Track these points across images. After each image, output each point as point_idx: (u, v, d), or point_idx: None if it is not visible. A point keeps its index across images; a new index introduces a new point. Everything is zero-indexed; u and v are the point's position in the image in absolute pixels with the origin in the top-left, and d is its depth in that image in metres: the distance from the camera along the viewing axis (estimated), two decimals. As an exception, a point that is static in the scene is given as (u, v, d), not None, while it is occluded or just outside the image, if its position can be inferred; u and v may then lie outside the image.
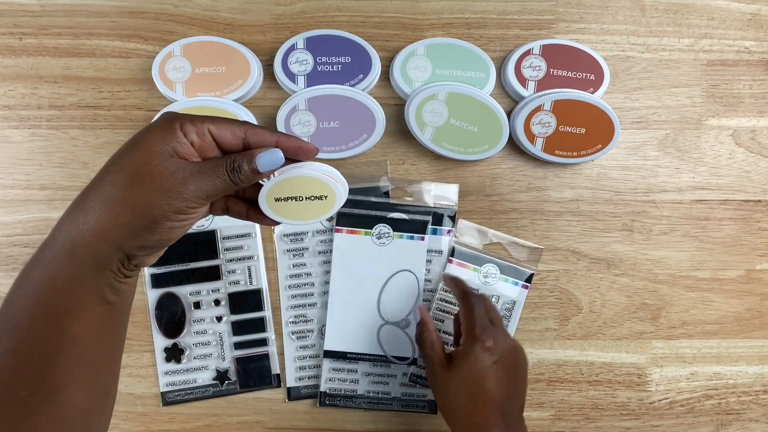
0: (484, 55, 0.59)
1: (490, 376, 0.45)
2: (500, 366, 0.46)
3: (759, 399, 0.61)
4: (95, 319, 0.32)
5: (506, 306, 0.60)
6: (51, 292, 0.31)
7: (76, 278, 0.31)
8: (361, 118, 0.58)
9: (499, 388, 0.45)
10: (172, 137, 0.31)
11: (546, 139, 0.58)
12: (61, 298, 0.31)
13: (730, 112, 0.61)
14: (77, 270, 0.31)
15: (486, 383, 0.45)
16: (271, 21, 0.60)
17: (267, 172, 0.33)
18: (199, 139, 0.32)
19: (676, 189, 0.61)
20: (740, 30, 0.61)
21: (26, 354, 0.30)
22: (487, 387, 0.45)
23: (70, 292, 0.31)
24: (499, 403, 0.44)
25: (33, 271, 0.32)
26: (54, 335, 0.31)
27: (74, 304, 0.31)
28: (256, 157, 0.32)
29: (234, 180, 0.32)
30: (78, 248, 0.31)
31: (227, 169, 0.32)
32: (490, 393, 0.45)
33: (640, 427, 0.60)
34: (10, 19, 0.59)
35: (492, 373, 0.45)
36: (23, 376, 0.30)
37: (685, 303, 0.61)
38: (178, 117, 0.32)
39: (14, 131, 0.59)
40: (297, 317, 0.60)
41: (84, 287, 0.32)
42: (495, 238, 0.60)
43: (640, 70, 0.61)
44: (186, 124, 0.32)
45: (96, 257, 0.31)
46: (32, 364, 0.30)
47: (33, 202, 0.59)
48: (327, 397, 0.59)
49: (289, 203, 0.36)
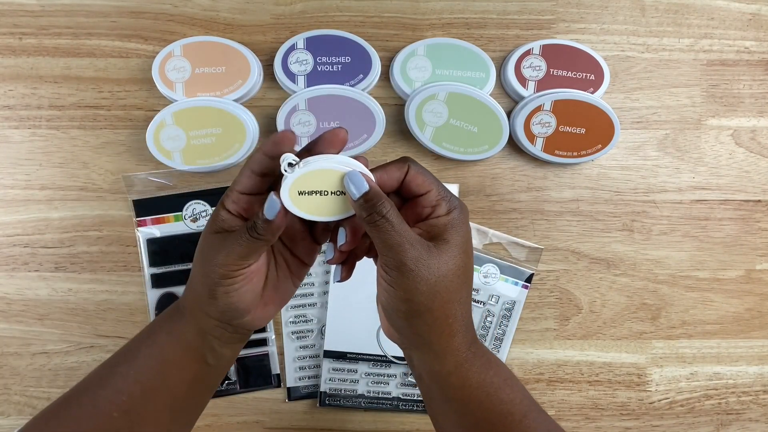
0: (484, 55, 0.59)
1: (471, 243, 0.37)
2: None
3: (759, 399, 0.61)
4: (192, 375, 0.38)
5: (506, 306, 0.60)
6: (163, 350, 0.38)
7: (184, 340, 0.38)
8: (361, 118, 0.58)
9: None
10: (218, 218, 0.35)
11: (546, 139, 0.58)
12: (170, 352, 0.38)
13: (730, 112, 0.61)
14: (190, 334, 0.37)
15: (472, 253, 0.37)
16: (271, 21, 0.60)
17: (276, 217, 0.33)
18: (236, 203, 0.35)
19: (676, 189, 0.61)
20: (740, 30, 0.61)
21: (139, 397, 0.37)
22: (472, 257, 0.37)
23: (176, 349, 0.38)
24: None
25: (144, 349, 0.38)
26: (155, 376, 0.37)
27: (180, 359, 0.38)
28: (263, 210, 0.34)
29: (253, 235, 0.34)
30: (184, 316, 0.38)
31: (246, 228, 0.34)
32: (472, 264, 0.37)
33: (640, 427, 0.60)
34: (10, 19, 0.59)
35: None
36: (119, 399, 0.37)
37: (685, 303, 0.61)
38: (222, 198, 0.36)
39: (14, 131, 0.59)
40: (297, 317, 0.60)
41: (190, 346, 0.38)
42: (495, 238, 0.60)
43: (640, 70, 0.61)
44: (225, 200, 0.35)
45: (197, 323, 0.37)
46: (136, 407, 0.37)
47: (33, 202, 0.59)
48: (327, 397, 0.59)
49: (313, 197, 0.34)
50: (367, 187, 0.32)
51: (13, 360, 0.59)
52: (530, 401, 0.38)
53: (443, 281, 0.34)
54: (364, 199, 0.32)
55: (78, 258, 0.59)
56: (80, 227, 0.59)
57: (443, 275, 0.33)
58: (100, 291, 0.59)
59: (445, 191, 0.35)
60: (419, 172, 0.35)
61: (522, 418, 0.36)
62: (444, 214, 0.35)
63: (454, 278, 0.34)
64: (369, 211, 0.32)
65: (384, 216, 0.32)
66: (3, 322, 0.59)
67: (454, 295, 0.34)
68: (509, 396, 0.37)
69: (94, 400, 0.36)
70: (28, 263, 0.59)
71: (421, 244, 0.33)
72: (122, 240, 0.59)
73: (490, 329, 0.60)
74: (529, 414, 0.37)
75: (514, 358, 0.61)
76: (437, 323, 0.35)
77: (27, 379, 0.59)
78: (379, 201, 0.32)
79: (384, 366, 0.59)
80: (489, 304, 0.60)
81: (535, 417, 0.37)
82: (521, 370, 0.61)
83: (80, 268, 0.59)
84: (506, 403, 0.36)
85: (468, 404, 0.36)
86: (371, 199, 0.32)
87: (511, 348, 0.60)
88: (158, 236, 0.58)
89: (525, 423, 0.36)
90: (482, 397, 0.36)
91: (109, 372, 0.37)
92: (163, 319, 0.39)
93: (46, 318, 0.59)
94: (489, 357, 0.37)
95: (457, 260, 0.34)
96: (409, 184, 0.35)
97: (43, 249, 0.59)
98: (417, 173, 0.35)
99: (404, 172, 0.35)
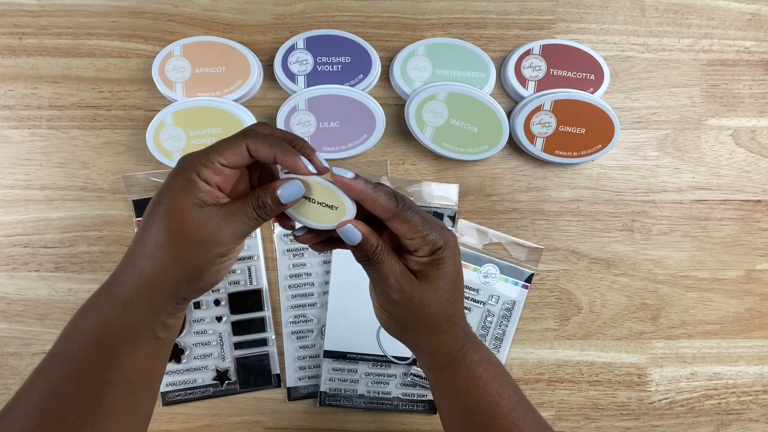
0: (484, 55, 0.59)
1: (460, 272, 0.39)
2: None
3: (759, 399, 0.61)
4: (145, 356, 0.35)
5: (506, 306, 0.60)
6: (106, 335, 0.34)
7: (132, 326, 0.34)
8: (361, 118, 0.58)
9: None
10: (195, 189, 0.33)
11: (546, 139, 0.58)
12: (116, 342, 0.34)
13: (730, 112, 0.61)
14: (134, 319, 0.34)
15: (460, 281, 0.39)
16: (271, 21, 0.60)
17: (290, 202, 0.35)
18: (218, 175, 0.34)
19: (676, 189, 0.61)
20: (740, 30, 0.61)
21: (79, 385, 0.34)
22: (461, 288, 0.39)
23: (125, 338, 0.34)
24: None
25: (87, 318, 0.34)
26: (105, 371, 0.34)
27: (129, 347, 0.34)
28: (278, 191, 0.34)
29: (261, 216, 0.34)
30: (134, 300, 0.34)
31: (254, 208, 0.34)
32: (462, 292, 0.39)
33: (640, 427, 0.60)
34: (10, 19, 0.59)
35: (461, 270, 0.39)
36: (74, 403, 0.33)
37: (685, 303, 0.61)
38: (193, 164, 0.33)
39: (14, 131, 0.59)
40: (297, 317, 0.60)
41: (138, 332, 0.35)
42: (495, 238, 0.60)
43: (640, 70, 0.61)
44: (201, 170, 0.33)
45: (152, 305, 0.34)
46: (83, 394, 0.34)
47: (33, 202, 0.59)
48: (327, 397, 0.59)
49: (305, 203, 0.35)
50: (359, 239, 0.35)
51: (13, 360, 0.59)
52: (520, 398, 0.40)
53: (428, 309, 0.37)
54: (357, 248, 0.35)
55: (78, 258, 0.59)
56: (80, 227, 0.59)
57: (427, 304, 0.37)
58: (100, 291, 0.59)
59: (432, 233, 0.36)
60: (405, 220, 0.35)
61: (510, 411, 0.38)
62: (426, 255, 0.36)
63: (438, 305, 0.37)
64: (361, 257, 0.36)
65: (375, 260, 0.35)
66: (3, 322, 0.59)
67: (440, 316, 0.37)
68: (497, 390, 0.39)
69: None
70: (28, 263, 0.59)
71: (406, 278, 0.36)
72: (122, 240, 0.59)
73: (490, 329, 0.60)
74: (517, 409, 0.39)
75: (514, 358, 0.61)
76: (424, 335, 0.38)
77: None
78: (370, 250, 0.35)
79: (384, 366, 0.59)
80: (489, 304, 0.60)
81: (524, 413, 0.39)
82: (521, 370, 0.61)
83: (80, 268, 0.59)
84: (494, 396, 0.39)
85: (457, 394, 0.39)
86: (363, 249, 0.35)
87: (511, 348, 0.60)
88: (158, 236, 0.58)
89: (513, 416, 0.38)
90: (471, 389, 0.39)
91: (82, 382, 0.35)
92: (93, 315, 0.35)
93: (46, 318, 0.59)
94: (482, 355, 0.39)
95: (440, 291, 0.37)
96: (396, 230, 0.36)
97: (43, 249, 0.59)
98: (401, 222, 0.35)
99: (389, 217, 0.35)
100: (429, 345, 0.39)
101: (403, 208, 0.35)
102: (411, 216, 0.36)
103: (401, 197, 0.36)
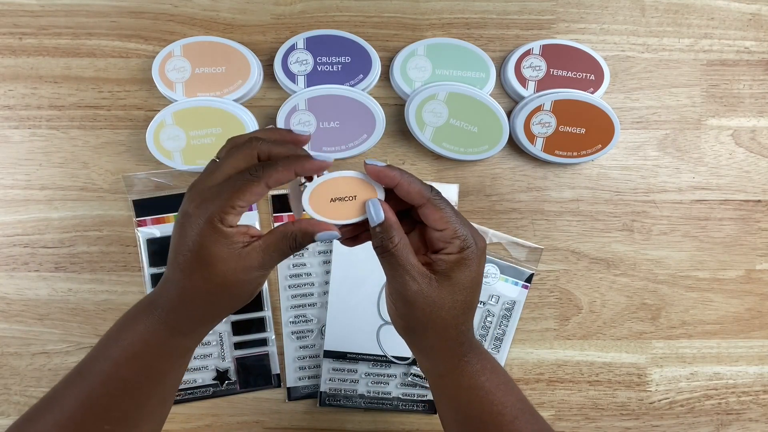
0: (484, 55, 0.59)
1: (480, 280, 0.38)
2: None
3: (759, 399, 0.61)
4: (182, 367, 0.39)
5: (506, 306, 0.60)
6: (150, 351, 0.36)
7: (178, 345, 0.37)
8: (361, 118, 0.58)
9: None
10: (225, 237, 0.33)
11: (546, 139, 0.58)
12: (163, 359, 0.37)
13: (730, 112, 0.61)
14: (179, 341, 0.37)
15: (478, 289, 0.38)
16: (271, 21, 0.60)
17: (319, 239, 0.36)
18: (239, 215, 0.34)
19: (676, 189, 0.61)
20: (740, 30, 0.61)
21: (118, 398, 0.36)
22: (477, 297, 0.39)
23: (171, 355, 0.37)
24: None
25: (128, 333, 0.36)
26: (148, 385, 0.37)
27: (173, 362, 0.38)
28: (317, 235, 0.35)
29: (294, 251, 0.36)
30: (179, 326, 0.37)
31: (290, 247, 0.35)
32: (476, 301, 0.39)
33: (640, 427, 0.60)
34: (10, 19, 0.59)
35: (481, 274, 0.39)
36: (111, 414, 0.36)
37: (685, 303, 0.61)
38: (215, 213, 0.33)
39: (14, 131, 0.59)
40: (297, 317, 0.60)
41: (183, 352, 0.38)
42: (495, 238, 0.60)
43: (640, 70, 0.61)
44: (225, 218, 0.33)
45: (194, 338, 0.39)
46: (122, 405, 0.36)
47: (33, 202, 0.59)
48: (327, 397, 0.59)
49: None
50: (383, 217, 0.35)
51: (13, 360, 0.59)
52: (524, 405, 0.40)
53: (440, 312, 0.36)
54: (380, 227, 0.35)
55: (78, 258, 0.59)
56: (80, 227, 0.59)
57: (441, 307, 0.36)
58: (100, 291, 0.59)
59: (463, 228, 0.36)
60: (438, 208, 0.35)
61: (513, 419, 0.38)
62: (455, 252, 0.35)
63: (451, 311, 0.36)
64: (380, 241, 0.35)
65: (392, 249, 0.35)
66: (3, 322, 0.59)
67: (450, 322, 0.37)
68: (500, 399, 0.38)
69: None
70: (28, 263, 0.59)
71: (423, 277, 0.35)
72: (122, 240, 0.59)
73: (490, 329, 0.60)
74: (520, 416, 0.39)
75: (514, 358, 0.61)
76: (430, 339, 0.38)
77: (27, 379, 0.59)
78: (391, 234, 0.35)
79: (384, 366, 0.59)
80: (489, 304, 0.60)
81: (527, 419, 0.39)
82: (521, 370, 0.61)
83: (80, 268, 0.59)
84: (496, 405, 0.38)
85: (459, 402, 0.39)
86: (385, 230, 0.35)
87: (511, 348, 0.60)
88: (158, 236, 0.58)
89: (515, 424, 0.38)
90: (473, 398, 0.38)
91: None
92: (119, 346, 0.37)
93: (46, 318, 0.59)
94: (485, 364, 0.39)
95: (457, 296, 0.36)
96: (426, 217, 0.36)
97: (43, 249, 0.59)
98: (434, 209, 0.35)
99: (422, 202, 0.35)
100: (432, 350, 0.38)
101: (436, 195, 0.35)
102: (443, 205, 0.35)
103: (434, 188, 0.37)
